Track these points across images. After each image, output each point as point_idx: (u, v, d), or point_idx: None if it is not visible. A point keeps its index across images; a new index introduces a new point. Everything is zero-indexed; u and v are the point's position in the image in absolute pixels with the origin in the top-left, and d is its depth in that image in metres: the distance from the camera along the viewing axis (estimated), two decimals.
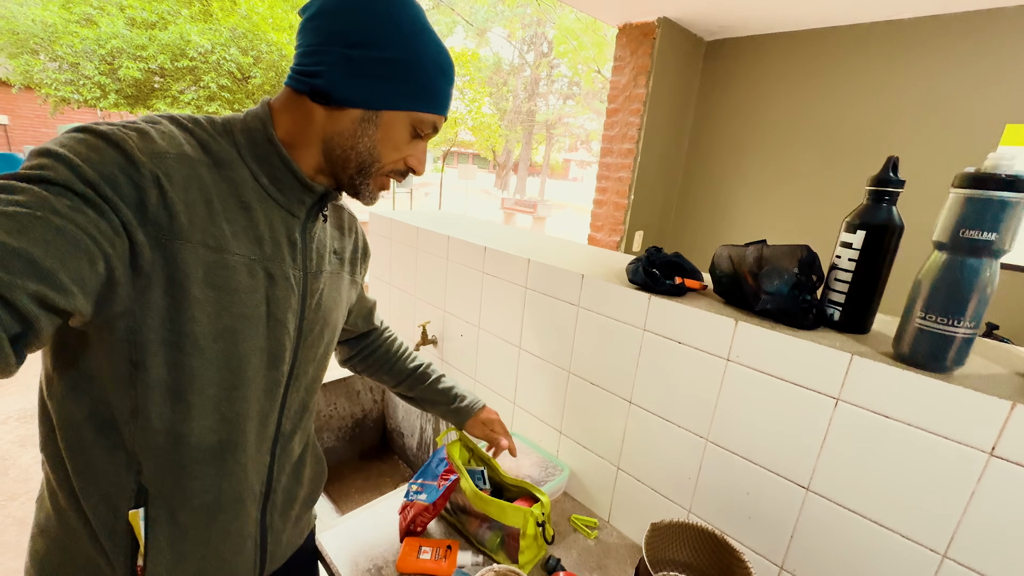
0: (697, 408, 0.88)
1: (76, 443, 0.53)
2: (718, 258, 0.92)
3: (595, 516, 1.07)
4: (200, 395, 0.54)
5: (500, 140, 16.48)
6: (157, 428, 0.53)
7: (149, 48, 6.82)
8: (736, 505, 0.84)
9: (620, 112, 2.83)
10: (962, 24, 2.15)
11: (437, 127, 0.62)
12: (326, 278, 0.68)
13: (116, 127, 0.47)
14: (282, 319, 0.60)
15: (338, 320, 0.74)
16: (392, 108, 0.57)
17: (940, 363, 0.63)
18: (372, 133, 0.57)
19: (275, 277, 0.58)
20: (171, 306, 0.50)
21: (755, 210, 2.84)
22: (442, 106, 0.61)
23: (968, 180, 0.59)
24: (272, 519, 0.69)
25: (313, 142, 0.58)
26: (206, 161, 0.53)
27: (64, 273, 0.40)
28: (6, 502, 2.16)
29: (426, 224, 1.56)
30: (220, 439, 0.57)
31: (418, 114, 0.59)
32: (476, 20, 17.13)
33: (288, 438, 0.68)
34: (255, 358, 0.58)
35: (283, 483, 0.70)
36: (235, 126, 0.57)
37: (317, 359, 0.69)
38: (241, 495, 0.62)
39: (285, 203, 0.59)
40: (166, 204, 0.48)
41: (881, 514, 0.69)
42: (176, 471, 0.56)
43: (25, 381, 3.16)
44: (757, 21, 2.55)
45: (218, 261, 0.52)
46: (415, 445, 1.61)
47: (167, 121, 0.53)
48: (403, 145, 0.60)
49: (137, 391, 0.51)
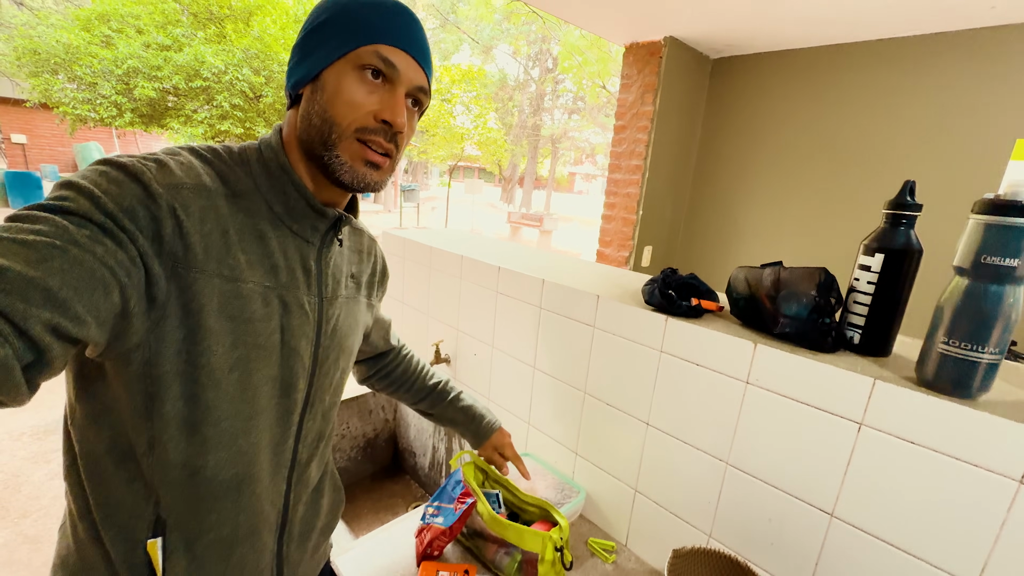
0: (716, 431, 0.87)
1: (96, 473, 0.53)
2: (734, 280, 0.92)
3: (612, 539, 1.06)
4: (215, 427, 0.54)
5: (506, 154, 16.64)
6: (174, 461, 0.53)
7: (164, 68, 6.99)
8: (758, 531, 0.83)
9: (628, 129, 2.86)
10: (968, 41, 2.16)
11: (390, 60, 0.54)
12: (341, 303, 0.67)
13: (136, 159, 0.48)
14: (296, 347, 0.59)
15: (354, 345, 0.73)
16: (328, 63, 0.54)
17: (966, 389, 0.63)
18: (320, 99, 0.54)
19: (289, 305, 0.58)
20: (186, 337, 0.50)
21: (764, 226, 2.84)
22: (379, 34, 0.54)
23: (988, 207, 0.59)
24: (289, 550, 0.68)
25: (298, 148, 0.58)
26: (224, 192, 0.54)
27: (79, 303, 0.40)
28: (18, 519, 2.16)
29: (439, 243, 1.57)
30: (236, 472, 0.57)
31: (356, 53, 0.53)
32: (482, 38, 17.43)
33: (305, 466, 0.67)
34: (267, 387, 0.57)
35: (300, 513, 0.69)
36: (251, 156, 0.58)
37: (333, 386, 0.69)
38: (257, 527, 0.62)
39: (299, 230, 0.59)
40: (182, 235, 0.48)
41: (909, 542, 0.68)
42: (193, 504, 0.55)
43: (39, 398, 3.19)
44: (762, 39, 2.58)
45: (232, 291, 0.52)
46: (427, 465, 1.60)
47: (187, 152, 0.53)
48: (357, 96, 0.54)
49: (154, 423, 0.51)
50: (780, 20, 2.30)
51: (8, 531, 2.08)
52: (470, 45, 18.21)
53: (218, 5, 7.63)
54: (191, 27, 7.50)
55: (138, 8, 7.38)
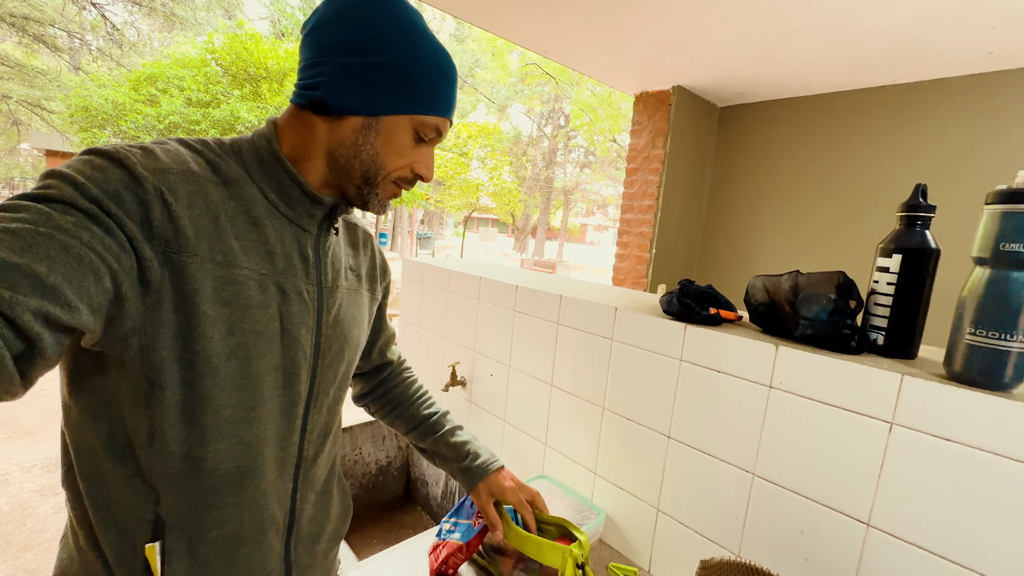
0: (741, 440, 0.85)
1: (93, 473, 0.52)
2: (752, 288, 0.93)
3: (634, 565, 1.01)
4: (215, 416, 0.53)
5: (519, 205, 17.13)
6: (173, 452, 0.52)
7: (202, 123, 7.51)
8: (790, 546, 0.79)
9: (639, 171, 2.96)
10: (967, 85, 2.25)
11: (441, 131, 0.61)
12: (343, 294, 0.67)
13: (121, 146, 0.48)
14: (296, 335, 0.59)
15: (360, 338, 0.72)
16: (391, 112, 0.56)
17: (998, 380, 0.61)
18: (374, 140, 0.57)
19: (287, 292, 0.58)
20: (183, 323, 0.49)
21: (777, 264, 2.84)
22: (444, 108, 0.60)
23: (1003, 196, 0.60)
24: (297, 554, 0.66)
25: (317, 155, 0.58)
26: (214, 179, 0.53)
27: (69, 289, 0.39)
28: (20, 553, 2.11)
29: (457, 267, 1.61)
30: (238, 465, 0.56)
31: (420, 117, 0.58)
32: (497, 98, 18.47)
33: (311, 463, 0.66)
34: (269, 377, 0.56)
35: (308, 512, 0.67)
36: (243, 146, 0.58)
37: (338, 379, 0.68)
38: (263, 525, 0.60)
39: (295, 218, 0.59)
40: (171, 218, 0.48)
41: (955, 550, 0.63)
42: (194, 499, 0.54)
43: (53, 430, 3.20)
44: (767, 88, 2.71)
45: (227, 276, 0.52)
46: (439, 494, 1.56)
47: (174, 142, 0.54)
48: (407, 151, 0.59)
49: (153, 411, 0.50)
50: (782, 70, 2.42)
51: (8, 564, 2.03)
52: (486, 104, 19.26)
53: (255, 67, 8.28)
54: (229, 86, 8.11)
55: (183, 71, 8.05)
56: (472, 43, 17.51)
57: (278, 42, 9.04)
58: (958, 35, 1.91)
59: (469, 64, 17.84)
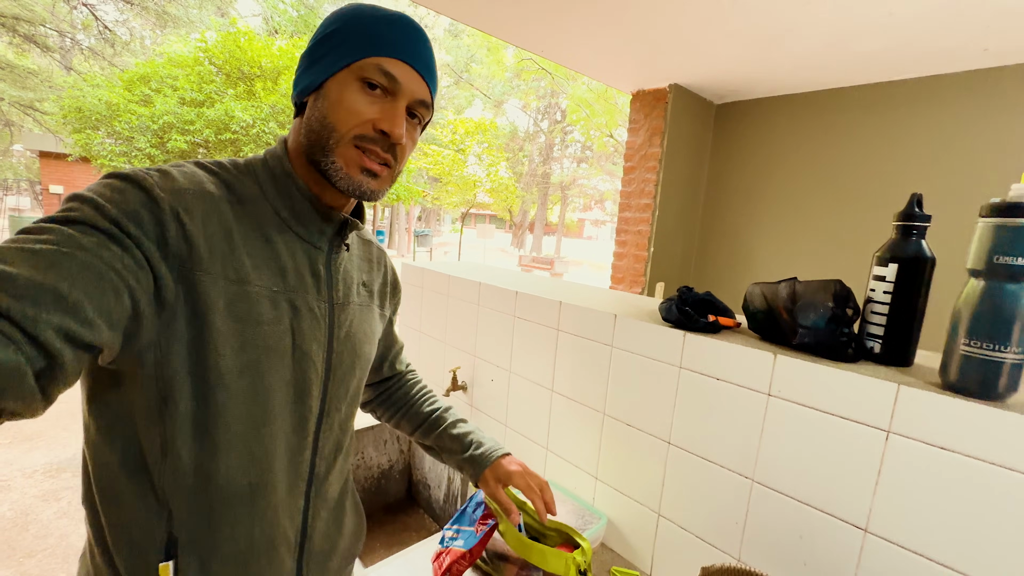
0: (740, 446, 0.86)
1: (110, 490, 0.53)
2: (751, 295, 0.94)
3: (636, 568, 1.02)
4: (226, 431, 0.53)
5: (516, 201, 17.11)
6: (186, 465, 0.52)
7: (196, 123, 7.47)
8: (789, 550, 0.80)
9: (637, 170, 2.96)
10: (963, 82, 2.25)
11: (392, 74, 0.56)
12: (354, 310, 0.67)
13: (139, 169, 0.50)
14: (308, 351, 0.59)
15: (370, 353, 0.72)
16: (333, 72, 0.56)
17: (992, 390, 0.62)
18: (322, 106, 0.56)
19: (299, 309, 0.58)
20: (196, 337, 0.50)
21: (774, 261, 2.86)
22: (388, 48, 0.55)
23: (996, 209, 0.61)
24: (309, 570, 0.66)
25: (304, 152, 0.59)
26: (228, 199, 0.55)
27: (89, 307, 0.40)
28: (23, 559, 2.12)
29: (457, 272, 1.62)
30: (249, 480, 0.56)
31: (359, 63, 0.55)
32: (493, 94, 18.40)
33: (323, 480, 0.66)
34: (280, 392, 0.57)
35: (320, 529, 0.67)
36: (257, 166, 0.60)
37: (350, 395, 0.68)
38: (274, 541, 0.60)
39: (306, 235, 0.60)
40: (185, 236, 0.49)
41: (950, 556, 0.65)
42: (206, 515, 0.54)
43: (54, 435, 3.20)
44: (763, 85, 2.71)
45: (239, 293, 0.53)
46: (442, 497, 1.57)
47: (191, 164, 0.56)
48: (359, 106, 0.55)
49: (166, 426, 0.51)
50: (778, 68, 2.42)
51: (12, 571, 2.03)
52: (482, 100, 19.19)
53: (249, 66, 8.23)
54: (223, 85, 8.06)
55: (176, 70, 7.99)
56: (467, 38, 17.42)
57: (271, 40, 8.98)
58: (953, 32, 1.91)
59: (464, 60, 17.75)
